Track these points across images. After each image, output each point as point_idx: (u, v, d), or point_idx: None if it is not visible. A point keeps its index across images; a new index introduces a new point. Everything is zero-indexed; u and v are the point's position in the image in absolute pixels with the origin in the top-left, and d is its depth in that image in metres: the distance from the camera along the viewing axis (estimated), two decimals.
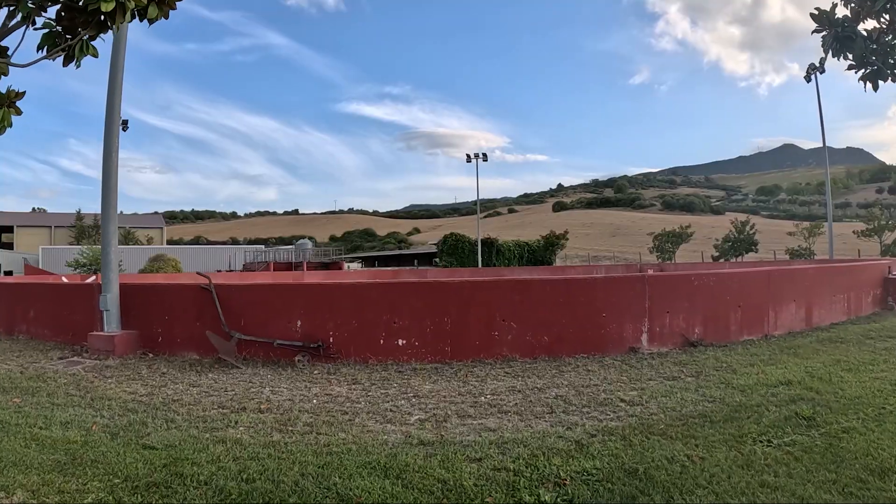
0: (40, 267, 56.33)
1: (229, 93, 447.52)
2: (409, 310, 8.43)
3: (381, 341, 8.35)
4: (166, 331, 9.58)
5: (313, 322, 8.55)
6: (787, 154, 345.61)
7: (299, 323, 8.58)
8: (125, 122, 45.99)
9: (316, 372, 7.91)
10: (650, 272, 42.16)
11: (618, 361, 8.32)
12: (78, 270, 48.82)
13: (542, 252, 63.57)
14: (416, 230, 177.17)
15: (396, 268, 73.93)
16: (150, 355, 9.65)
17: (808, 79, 41.42)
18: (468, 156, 54.84)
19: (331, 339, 8.45)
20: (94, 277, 33.27)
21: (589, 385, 6.95)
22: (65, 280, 31.52)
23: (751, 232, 60.91)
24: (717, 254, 65.75)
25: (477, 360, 8.31)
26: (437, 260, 69.21)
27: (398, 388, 7.00)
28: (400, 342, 8.32)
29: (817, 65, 41.41)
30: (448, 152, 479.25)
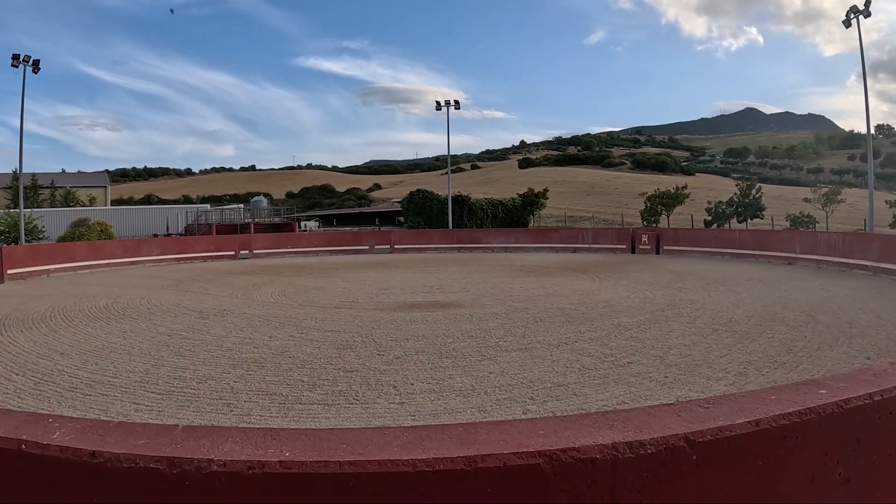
0: None
1: (185, 48, 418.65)
2: None
3: None
4: None
5: None
6: (749, 118, 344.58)
7: None
8: (36, 63, 36.69)
9: None
10: (644, 238, 34.90)
11: None
12: None
13: (520, 212, 57.05)
14: (377, 186, 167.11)
15: (357, 228, 66.21)
16: None
17: (847, 24, 34.51)
18: (437, 103, 47.01)
19: None
20: None
21: None
22: None
23: (758, 196, 54.78)
24: (709, 218, 59.70)
25: None
26: (402, 219, 62.17)
27: None
28: None
29: (861, 7, 34.58)
30: (405, 108, 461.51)
